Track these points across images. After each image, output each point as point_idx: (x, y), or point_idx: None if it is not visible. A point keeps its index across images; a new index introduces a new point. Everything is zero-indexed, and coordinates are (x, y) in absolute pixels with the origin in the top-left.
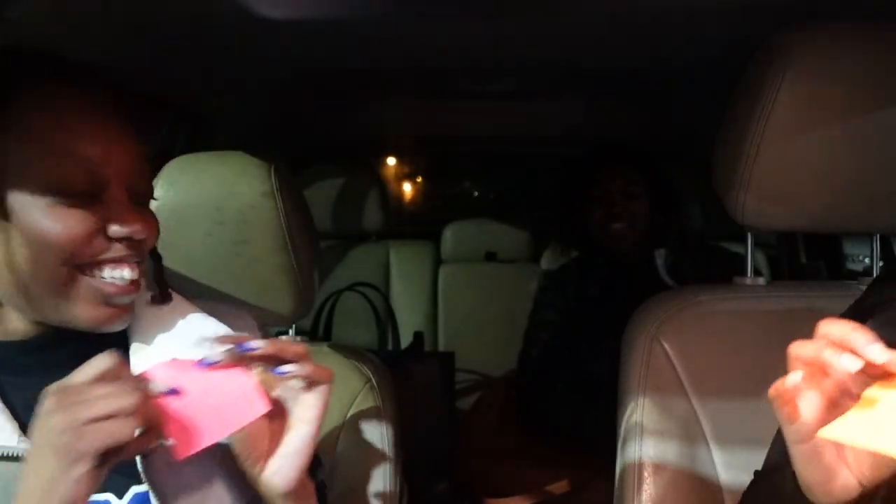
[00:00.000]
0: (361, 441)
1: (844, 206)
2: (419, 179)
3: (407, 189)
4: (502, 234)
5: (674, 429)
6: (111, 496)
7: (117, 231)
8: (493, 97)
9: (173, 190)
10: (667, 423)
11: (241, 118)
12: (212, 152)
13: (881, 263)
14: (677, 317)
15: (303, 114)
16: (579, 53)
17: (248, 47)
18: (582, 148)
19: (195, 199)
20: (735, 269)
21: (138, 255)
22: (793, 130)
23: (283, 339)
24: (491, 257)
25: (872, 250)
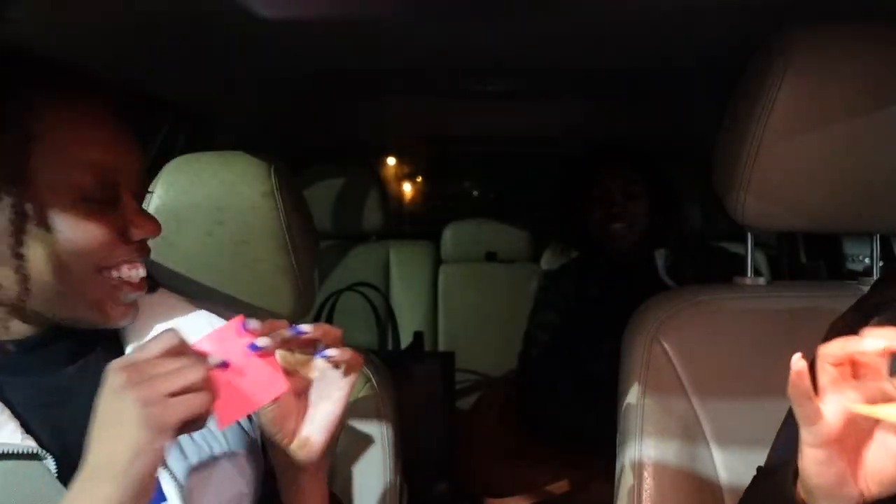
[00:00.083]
0: (361, 441)
1: (844, 206)
2: (419, 179)
3: (407, 189)
4: (502, 234)
5: (674, 429)
6: None
7: (137, 234)
8: (493, 97)
9: (173, 190)
10: (667, 423)
11: (241, 118)
12: (212, 152)
13: (881, 263)
14: (677, 317)
15: (303, 114)
16: (579, 53)
17: (248, 47)
18: (582, 148)
19: (195, 199)
20: (735, 270)
21: (146, 254)
22: (793, 130)
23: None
24: (491, 257)
25: (872, 250)
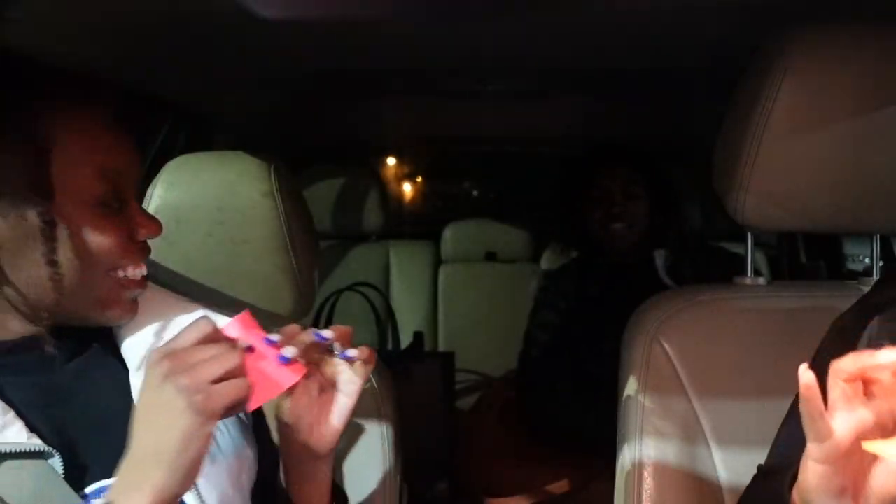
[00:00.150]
0: (361, 441)
1: (844, 206)
2: (419, 179)
3: (407, 189)
4: (502, 234)
5: (674, 429)
6: None
7: (143, 235)
8: (493, 97)
9: (173, 190)
10: (667, 423)
11: (241, 118)
12: (212, 152)
13: (881, 263)
14: (677, 317)
15: (303, 114)
16: (579, 54)
17: (247, 47)
18: (582, 148)
19: (195, 199)
20: (735, 270)
21: (148, 253)
22: (793, 130)
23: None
24: (491, 257)
25: (872, 250)
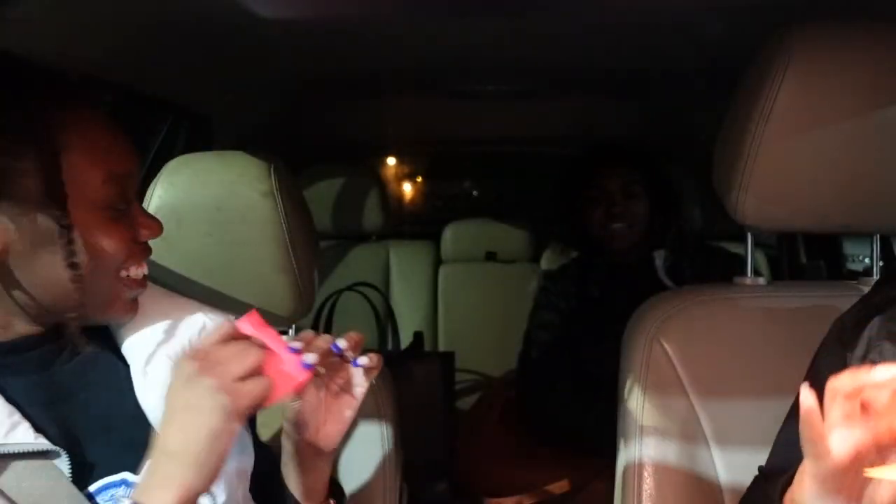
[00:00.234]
0: (361, 441)
1: (844, 207)
2: (419, 179)
3: (407, 189)
4: (502, 234)
5: (674, 429)
6: (127, 474)
7: (146, 235)
8: (493, 97)
9: (173, 190)
10: (667, 423)
11: (241, 118)
12: (212, 152)
13: (881, 263)
14: (677, 317)
15: (303, 114)
16: (579, 54)
17: (248, 48)
18: (582, 148)
19: (195, 199)
20: (734, 270)
21: (149, 253)
22: (793, 130)
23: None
24: (491, 257)
25: (872, 250)
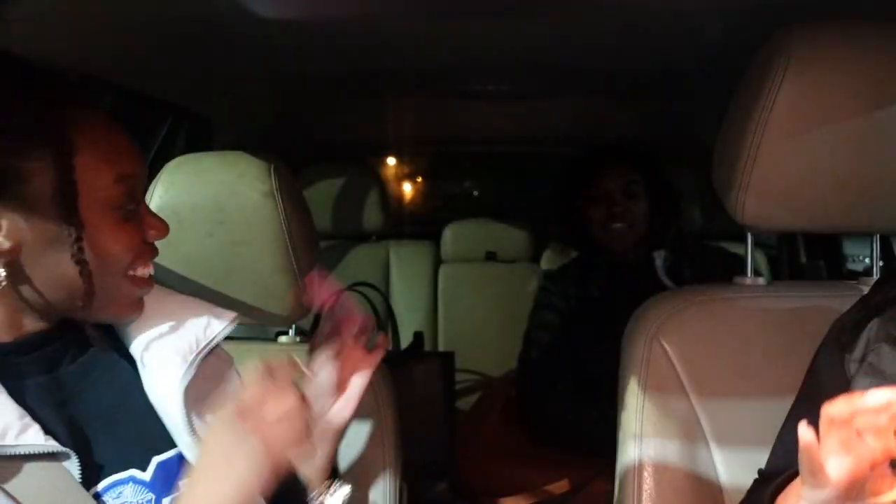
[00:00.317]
0: (361, 441)
1: (844, 206)
2: (419, 179)
3: (407, 189)
4: (502, 234)
5: (674, 429)
6: (134, 471)
7: (153, 236)
8: (493, 97)
9: (173, 190)
10: (667, 423)
11: (241, 118)
12: (212, 152)
13: (881, 263)
14: (677, 317)
15: (303, 114)
16: (579, 54)
17: (247, 47)
18: (582, 148)
19: (195, 199)
20: (734, 270)
21: (155, 253)
22: (793, 130)
23: (283, 339)
24: (491, 257)
25: (872, 250)
